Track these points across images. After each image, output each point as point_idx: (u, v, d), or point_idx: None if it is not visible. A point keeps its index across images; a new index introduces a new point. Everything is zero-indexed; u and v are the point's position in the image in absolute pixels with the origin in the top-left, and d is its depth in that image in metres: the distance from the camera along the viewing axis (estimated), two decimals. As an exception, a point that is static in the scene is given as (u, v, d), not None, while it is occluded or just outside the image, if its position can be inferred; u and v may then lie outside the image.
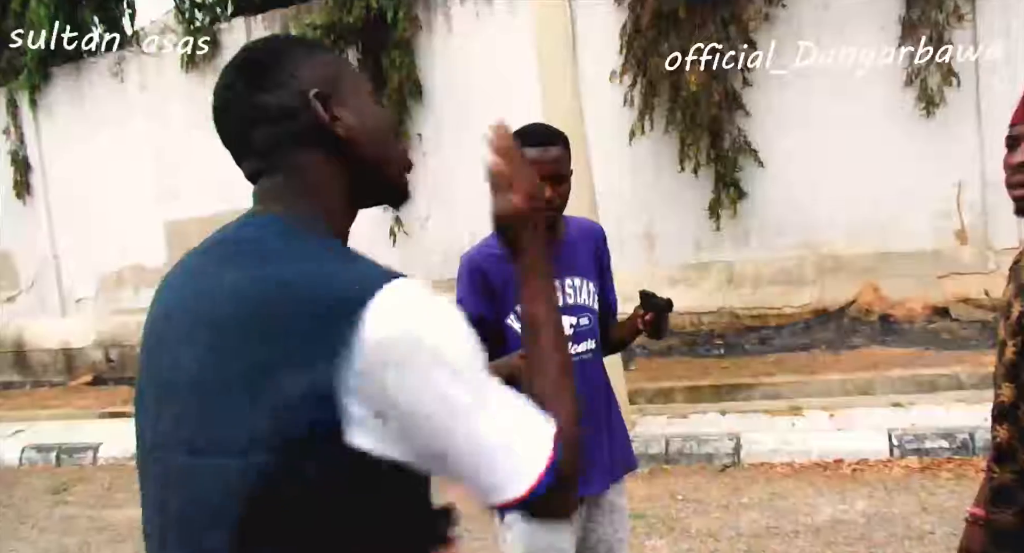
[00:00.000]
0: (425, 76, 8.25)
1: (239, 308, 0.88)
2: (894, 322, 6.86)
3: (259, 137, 1.00)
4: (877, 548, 3.71)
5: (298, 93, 0.99)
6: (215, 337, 0.90)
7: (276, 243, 0.94)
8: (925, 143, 6.80)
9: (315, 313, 0.84)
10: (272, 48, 1.04)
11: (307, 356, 0.84)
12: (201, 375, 0.90)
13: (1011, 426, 1.62)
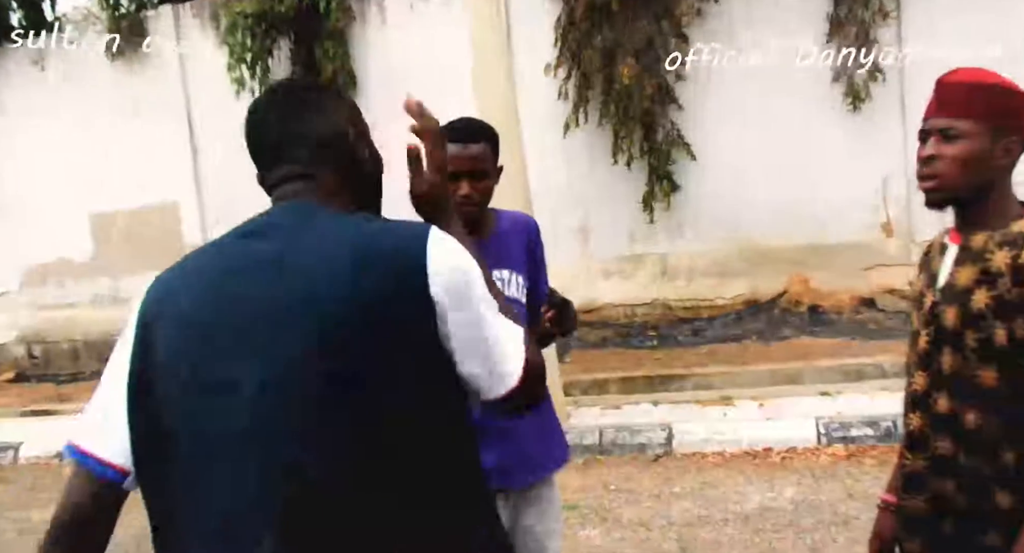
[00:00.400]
0: (359, 67, 8.15)
1: (350, 263, 1.15)
2: (823, 313, 7.03)
3: (302, 152, 1.28)
4: (804, 534, 3.79)
5: (339, 127, 1.31)
6: (333, 289, 1.13)
7: (335, 216, 1.24)
8: (852, 138, 6.97)
9: (397, 262, 1.15)
10: (319, 88, 1.39)
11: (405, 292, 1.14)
12: (326, 319, 1.12)
13: (923, 414, 1.64)
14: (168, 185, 8.56)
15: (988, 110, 1.55)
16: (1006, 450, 1.51)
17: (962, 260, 1.59)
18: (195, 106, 8.54)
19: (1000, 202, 1.59)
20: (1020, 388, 1.49)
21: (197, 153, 8.58)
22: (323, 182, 1.28)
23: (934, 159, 1.58)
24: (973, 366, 1.54)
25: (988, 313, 1.51)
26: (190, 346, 1.18)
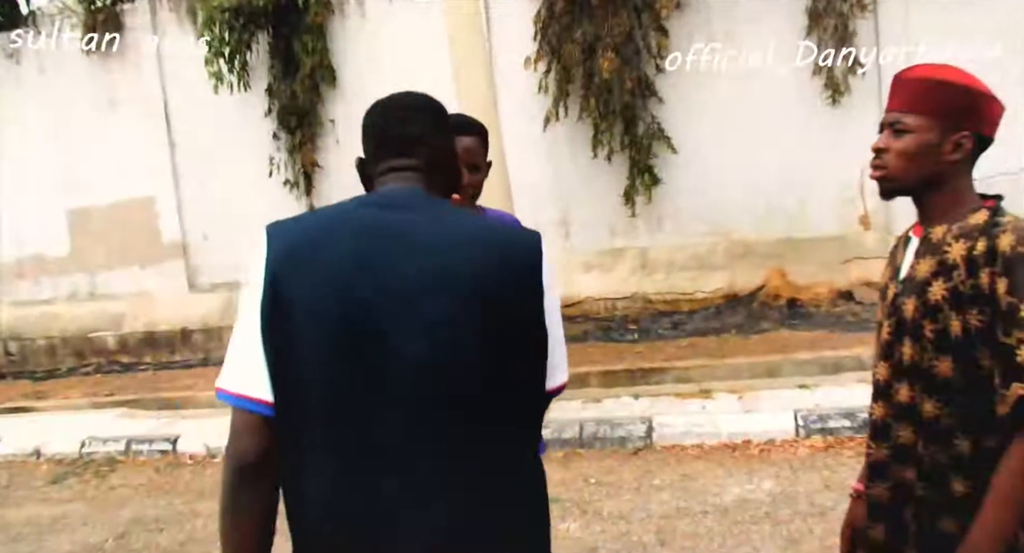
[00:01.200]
0: (338, 61, 8.11)
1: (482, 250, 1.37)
2: (801, 306, 7.08)
3: (426, 152, 1.50)
4: (781, 525, 3.82)
5: (451, 142, 1.57)
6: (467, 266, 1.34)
7: (455, 209, 1.49)
8: (831, 131, 7.01)
9: (524, 252, 1.39)
10: (442, 106, 1.58)
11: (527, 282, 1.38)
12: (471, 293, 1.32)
13: (885, 404, 1.67)
14: (145, 180, 8.50)
15: (937, 106, 1.57)
16: (961, 438, 1.54)
17: (922, 252, 1.62)
18: (172, 100, 8.47)
19: (957, 195, 1.61)
20: (974, 379, 1.51)
21: (174, 147, 8.51)
22: (431, 182, 1.49)
23: (883, 152, 1.63)
24: (930, 357, 1.56)
25: (944, 305, 1.53)
26: (338, 295, 1.32)
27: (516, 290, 1.35)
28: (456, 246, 1.35)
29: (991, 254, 1.48)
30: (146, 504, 4.90)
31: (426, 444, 1.31)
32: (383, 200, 1.44)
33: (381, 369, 1.31)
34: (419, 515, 1.30)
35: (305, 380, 1.32)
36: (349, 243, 1.35)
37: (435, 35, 6.69)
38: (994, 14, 6.63)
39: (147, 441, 5.81)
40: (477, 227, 1.43)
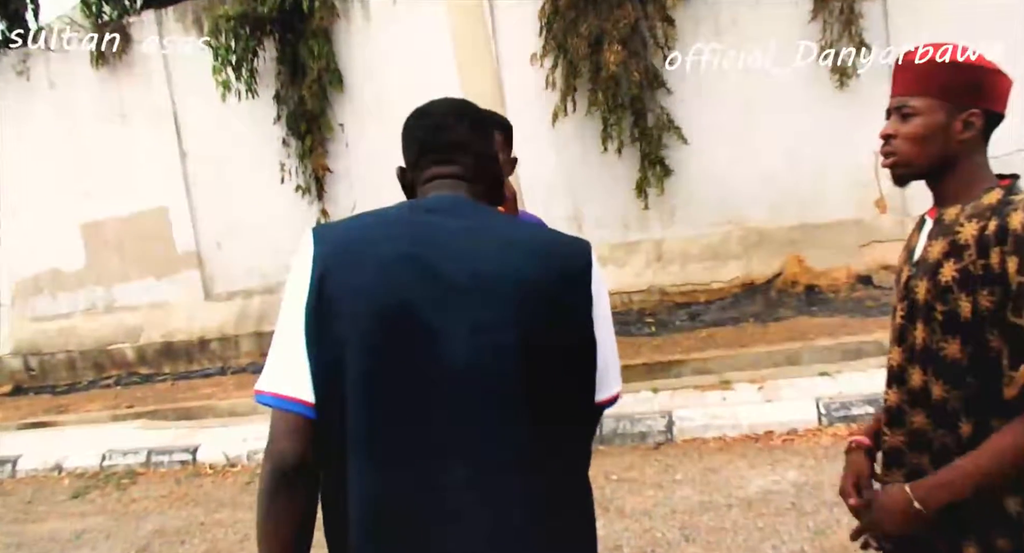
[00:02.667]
0: (345, 65, 8.10)
1: (533, 259, 1.37)
2: (819, 292, 7.00)
3: (469, 160, 1.50)
4: (806, 516, 3.77)
5: (495, 150, 1.58)
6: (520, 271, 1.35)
7: (502, 216, 1.52)
8: (842, 115, 6.92)
9: (572, 257, 1.40)
10: (484, 112, 1.63)
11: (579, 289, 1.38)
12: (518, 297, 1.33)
13: (900, 389, 1.64)
14: (157, 190, 8.53)
15: (941, 86, 1.55)
16: (965, 422, 1.52)
17: (935, 234, 1.59)
18: (181, 110, 8.50)
19: (970, 175, 1.58)
20: (983, 361, 1.48)
21: (185, 157, 8.54)
22: (475, 188, 1.50)
23: (892, 137, 1.61)
24: (940, 339, 1.54)
25: (954, 285, 1.50)
26: (384, 296, 1.32)
27: (563, 297, 1.36)
28: (504, 251, 1.35)
29: (1002, 233, 1.44)
30: (167, 516, 4.91)
31: (475, 445, 1.31)
32: (431, 205, 1.45)
33: (426, 370, 1.31)
34: (483, 513, 1.30)
35: (350, 380, 1.31)
36: (397, 245, 1.36)
37: (440, 35, 6.66)
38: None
39: (167, 452, 5.83)
40: (526, 233, 1.44)
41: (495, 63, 5.57)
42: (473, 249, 1.35)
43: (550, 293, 1.34)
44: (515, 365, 1.31)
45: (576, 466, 1.43)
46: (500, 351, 1.31)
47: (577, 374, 1.38)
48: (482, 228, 1.40)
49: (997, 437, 1.46)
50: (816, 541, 3.55)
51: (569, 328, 1.36)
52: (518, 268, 1.34)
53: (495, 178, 1.57)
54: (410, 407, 1.31)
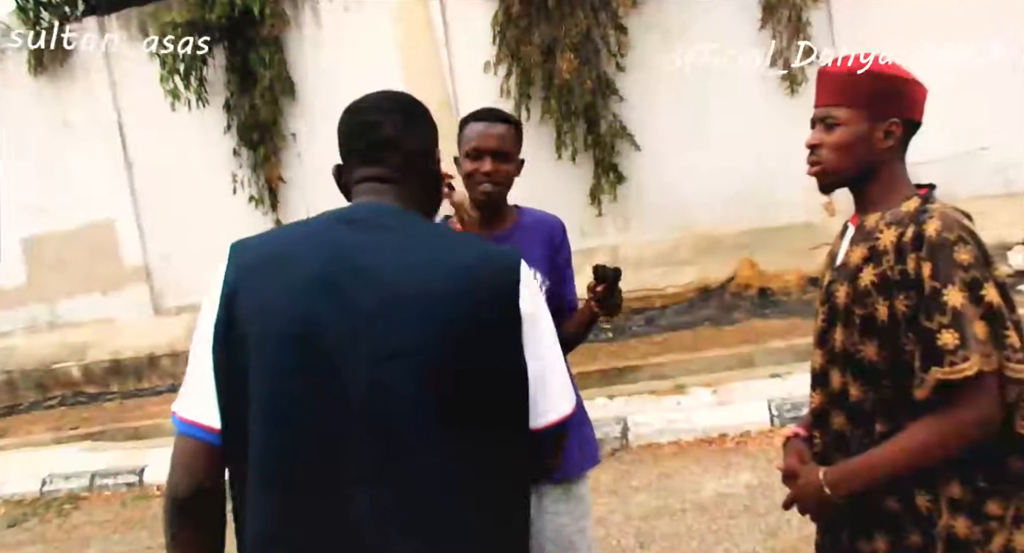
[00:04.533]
0: (296, 73, 8.01)
1: (452, 279, 1.27)
2: (772, 295, 7.06)
3: (399, 157, 1.41)
4: (759, 518, 3.78)
5: (429, 146, 1.46)
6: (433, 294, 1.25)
7: (427, 226, 1.40)
8: (791, 120, 6.97)
9: (500, 275, 1.30)
10: (420, 105, 1.48)
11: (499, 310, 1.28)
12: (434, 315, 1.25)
13: (822, 391, 1.68)
14: (103, 203, 8.32)
15: (861, 96, 1.60)
16: (881, 423, 1.56)
17: (856, 240, 1.64)
18: (127, 119, 8.32)
19: (891, 183, 1.63)
20: (897, 364, 1.53)
21: (132, 168, 8.35)
22: (406, 189, 1.41)
23: (817, 147, 1.65)
24: (858, 342, 1.58)
25: (873, 290, 1.55)
26: (291, 319, 1.24)
27: (485, 318, 1.26)
28: (420, 270, 1.26)
29: (918, 240, 1.49)
30: (111, 541, 4.75)
31: (385, 475, 1.23)
32: (350, 216, 1.36)
33: (331, 400, 1.23)
34: (403, 546, 1.22)
35: (252, 407, 1.25)
36: (307, 265, 1.28)
37: (391, 45, 6.63)
38: None
39: (112, 475, 5.63)
40: (445, 248, 1.32)
41: (445, 71, 5.55)
42: (387, 269, 1.26)
43: (469, 314, 1.25)
44: (425, 393, 1.22)
45: (508, 495, 1.32)
46: (408, 379, 1.22)
47: (503, 400, 1.28)
48: (400, 244, 1.31)
49: (907, 433, 1.50)
50: (768, 542, 3.57)
51: (491, 351, 1.26)
52: (433, 289, 1.25)
53: (429, 178, 1.47)
54: (311, 439, 1.24)
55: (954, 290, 1.44)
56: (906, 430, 1.51)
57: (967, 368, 1.41)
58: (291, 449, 1.24)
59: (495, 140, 2.17)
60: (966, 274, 1.45)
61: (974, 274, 1.45)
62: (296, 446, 1.24)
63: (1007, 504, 1.50)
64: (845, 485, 1.55)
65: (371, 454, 1.22)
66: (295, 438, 1.24)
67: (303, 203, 7.97)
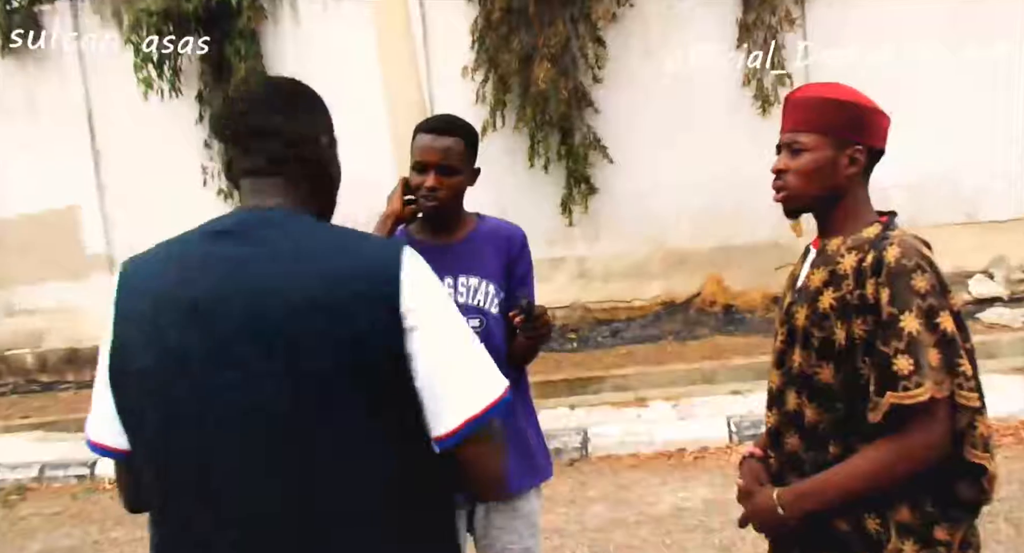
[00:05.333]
0: (271, 67, 7.95)
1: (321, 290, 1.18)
2: (736, 312, 7.13)
3: (276, 145, 1.30)
4: (713, 533, 3.80)
5: (315, 130, 1.35)
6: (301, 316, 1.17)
7: (300, 231, 1.26)
8: (762, 140, 7.05)
9: (372, 276, 1.20)
10: (306, 88, 1.39)
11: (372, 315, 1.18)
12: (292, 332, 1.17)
13: (777, 411, 1.71)
14: (68, 189, 8.18)
15: (828, 123, 1.63)
16: (833, 445, 1.59)
17: (817, 263, 1.66)
18: (96, 107, 8.19)
19: (854, 209, 1.66)
20: (853, 387, 1.55)
21: (99, 156, 8.23)
22: (290, 181, 1.31)
23: (783, 172, 1.67)
24: (815, 364, 1.60)
25: (832, 313, 1.57)
26: (159, 339, 1.21)
27: (358, 323, 1.16)
28: (285, 280, 1.18)
29: (878, 265, 1.52)
30: (58, 534, 4.64)
31: (256, 504, 1.19)
32: (220, 227, 1.28)
33: (199, 425, 1.20)
34: None
35: (138, 430, 1.26)
36: (173, 285, 1.23)
37: (369, 42, 6.60)
38: (917, 32, 6.81)
39: (62, 466, 5.50)
40: (316, 255, 1.21)
41: (421, 74, 5.55)
42: (248, 281, 1.19)
43: (338, 323, 1.16)
44: (290, 413, 1.16)
45: (417, 515, 1.25)
46: (268, 398, 1.16)
47: (386, 412, 1.19)
48: (265, 253, 1.21)
49: (859, 456, 1.53)
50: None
51: (368, 359, 1.16)
52: (296, 303, 1.16)
53: (318, 165, 1.36)
54: (183, 463, 1.22)
55: (911, 317, 1.47)
56: (858, 453, 1.53)
57: (920, 393, 1.44)
58: (167, 477, 1.24)
59: (439, 154, 2.12)
60: (923, 302, 1.48)
61: (931, 302, 1.48)
62: (171, 475, 1.23)
63: (954, 530, 1.53)
64: (797, 505, 1.57)
65: (237, 481, 1.19)
66: (170, 467, 1.24)
67: (273, 199, 7.91)
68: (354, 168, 7.77)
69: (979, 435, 1.50)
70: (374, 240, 1.31)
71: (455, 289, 2.18)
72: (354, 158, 8.23)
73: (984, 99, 6.89)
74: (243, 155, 1.33)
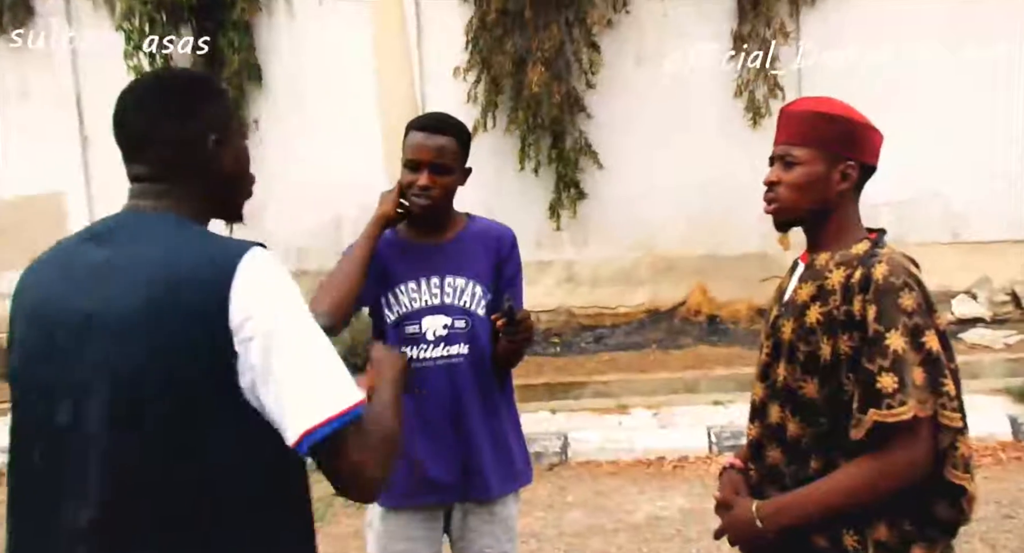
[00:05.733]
0: (264, 61, 7.90)
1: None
2: (720, 322, 7.14)
3: (156, 153, 1.27)
4: (690, 543, 3.81)
5: (200, 131, 1.28)
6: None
7: (156, 235, 1.23)
8: (753, 152, 7.08)
9: (195, 295, 1.15)
10: (192, 84, 1.33)
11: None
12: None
13: (760, 424, 1.71)
14: (54, 175, 8.10)
15: (822, 137, 1.63)
16: (814, 459, 1.59)
17: (805, 277, 1.67)
18: (86, 93, 8.12)
19: (844, 224, 1.67)
20: (836, 403, 1.55)
21: (87, 142, 8.16)
22: (174, 186, 1.28)
23: (775, 185, 1.68)
24: (799, 378, 1.60)
25: (818, 328, 1.58)
26: (22, 345, 1.26)
27: (183, 337, 1.13)
28: (125, 288, 1.16)
29: (866, 282, 1.52)
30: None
31: (80, 508, 1.18)
32: (91, 232, 1.30)
33: (43, 439, 1.22)
34: None
35: (14, 432, 1.30)
36: (44, 288, 1.26)
37: (363, 39, 6.58)
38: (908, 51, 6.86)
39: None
40: (159, 260, 1.18)
41: (415, 72, 5.53)
42: (98, 289, 1.18)
43: (168, 333, 1.13)
44: (124, 431, 1.15)
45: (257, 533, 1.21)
46: (104, 415, 1.15)
47: (225, 426, 1.16)
48: (120, 259, 1.20)
49: (840, 472, 1.53)
50: (697, 569, 3.59)
51: (196, 368, 1.14)
52: (130, 309, 1.14)
53: (206, 170, 1.31)
54: (32, 484, 1.24)
55: (896, 335, 1.47)
56: (840, 469, 1.53)
57: (903, 412, 1.44)
58: (23, 492, 1.26)
59: (432, 153, 2.11)
60: (909, 320, 1.48)
61: (917, 321, 1.48)
62: (22, 481, 1.26)
63: (931, 549, 1.54)
64: (776, 519, 1.57)
65: (78, 495, 1.18)
66: (21, 474, 1.26)
67: (261, 191, 7.83)
68: (344, 163, 7.78)
69: (960, 456, 1.51)
70: (217, 245, 1.22)
71: (442, 289, 2.19)
72: (345, 153, 8.25)
73: (976, 120, 6.94)
74: (127, 161, 1.32)
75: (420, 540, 2.20)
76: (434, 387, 2.16)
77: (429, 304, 2.19)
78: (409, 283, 2.19)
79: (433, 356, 2.17)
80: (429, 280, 2.19)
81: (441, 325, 2.18)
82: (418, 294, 2.19)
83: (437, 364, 2.17)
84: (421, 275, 2.19)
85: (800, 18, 7.15)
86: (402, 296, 2.19)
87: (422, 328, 2.18)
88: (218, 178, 1.32)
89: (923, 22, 6.93)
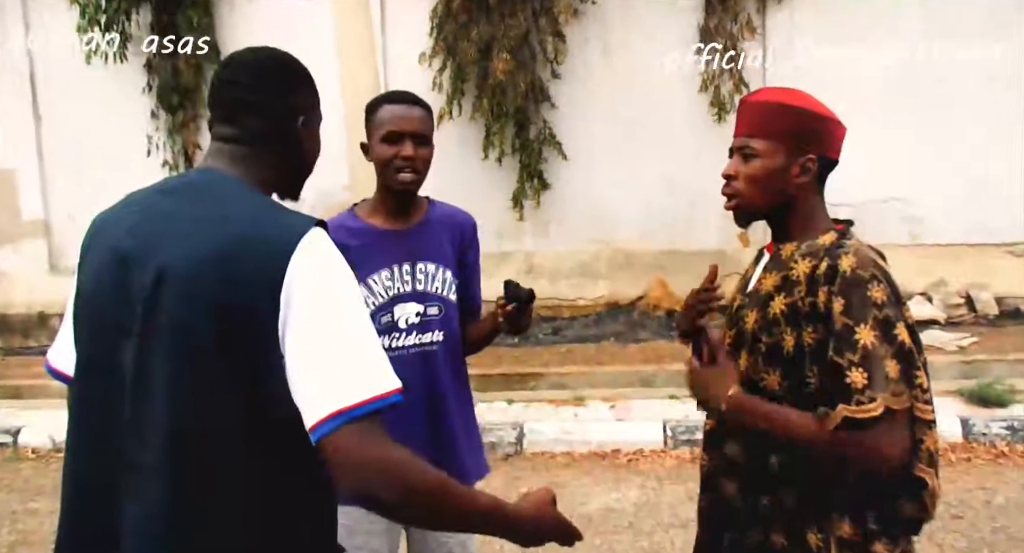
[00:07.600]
0: (224, 41, 7.75)
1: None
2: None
3: (253, 119, 1.35)
4: (642, 536, 3.83)
5: (295, 109, 1.38)
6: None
7: (227, 197, 1.29)
8: (717, 147, 7.11)
9: (256, 261, 1.19)
10: (294, 64, 1.44)
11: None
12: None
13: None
14: (4, 152, 7.89)
15: (782, 129, 1.60)
16: (773, 454, 1.57)
17: (770, 267, 1.65)
18: (39, 69, 7.90)
19: (808, 216, 1.64)
20: (797, 394, 1.54)
21: (40, 120, 7.94)
22: (254, 154, 1.35)
23: (733, 178, 1.65)
24: (761, 369, 1.59)
25: (782, 319, 1.55)
26: (93, 290, 1.30)
27: (242, 298, 1.16)
28: (192, 242, 1.20)
29: (832, 273, 1.49)
30: (-26, 503, 4.50)
31: (142, 474, 1.20)
32: (166, 185, 1.36)
33: (106, 384, 1.25)
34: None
35: (79, 364, 1.34)
36: (115, 237, 1.29)
37: (326, 21, 6.48)
38: (871, 44, 6.93)
39: (-15, 434, 5.35)
40: (226, 220, 1.23)
41: (378, 57, 5.46)
42: (166, 241, 1.22)
43: (226, 293, 1.16)
44: (173, 381, 1.18)
45: (281, 505, 1.24)
46: (158, 364, 1.18)
47: (257, 394, 1.18)
48: (188, 214, 1.25)
49: (801, 415, 1.50)
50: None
51: (248, 338, 1.16)
52: (197, 263, 1.18)
53: (292, 143, 1.39)
54: (92, 422, 1.29)
55: (866, 329, 1.44)
56: (802, 413, 1.50)
57: (873, 408, 1.41)
58: (81, 432, 1.31)
59: (416, 122, 2.09)
60: (879, 313, 1.45)
61: (887, 313, 1.46)
62: (85, 425, 1.30)
63: (894, 547, 1.53)
64: (737, 411, 1.56)
65: (133, 443, 1.21)
66: (84, 416, 1.30)
67: (219, 175, 7.74)
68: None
69: (925, 449, 1.50)
70: (286, 216, 1.27)
71: (413, 276, 2.16)
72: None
73: (937, 123, 7.04)
74: (219, 121, 1.38)
75: (379, 534, 2.15)
76: (408, 376, 2.13)
77: (402, 291, 2.15)
78: (383, 272, 2.14)
79: (407, 344, 2.14)
80: (401, 267, 2.15)
81: (414, 313, 2.15)
82: (391, 282, 2.15)
83: (411, 352, 2.13)
84: (393, 262, 2.15)
85: (767, 14, 7.20)
86: (375, 286, 2.14)
87: (394, 316, 2.14)
88: (296, 154, 1.41)
89: (888, 22, 7.02)
